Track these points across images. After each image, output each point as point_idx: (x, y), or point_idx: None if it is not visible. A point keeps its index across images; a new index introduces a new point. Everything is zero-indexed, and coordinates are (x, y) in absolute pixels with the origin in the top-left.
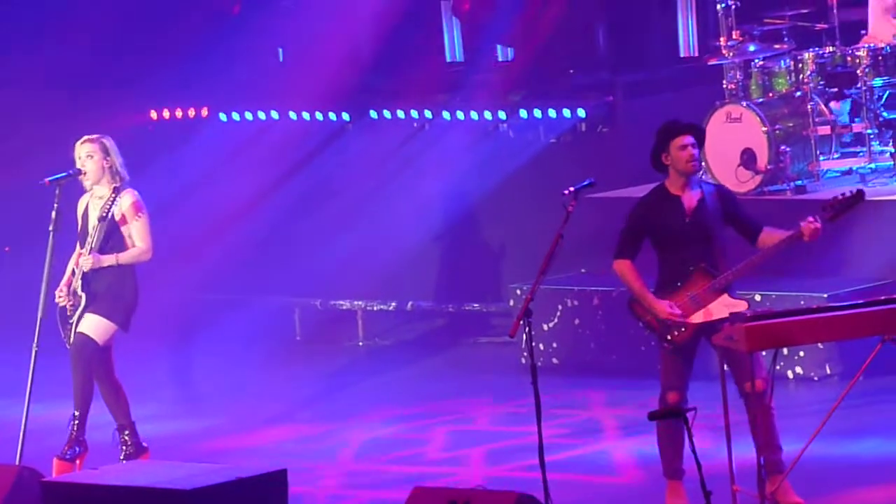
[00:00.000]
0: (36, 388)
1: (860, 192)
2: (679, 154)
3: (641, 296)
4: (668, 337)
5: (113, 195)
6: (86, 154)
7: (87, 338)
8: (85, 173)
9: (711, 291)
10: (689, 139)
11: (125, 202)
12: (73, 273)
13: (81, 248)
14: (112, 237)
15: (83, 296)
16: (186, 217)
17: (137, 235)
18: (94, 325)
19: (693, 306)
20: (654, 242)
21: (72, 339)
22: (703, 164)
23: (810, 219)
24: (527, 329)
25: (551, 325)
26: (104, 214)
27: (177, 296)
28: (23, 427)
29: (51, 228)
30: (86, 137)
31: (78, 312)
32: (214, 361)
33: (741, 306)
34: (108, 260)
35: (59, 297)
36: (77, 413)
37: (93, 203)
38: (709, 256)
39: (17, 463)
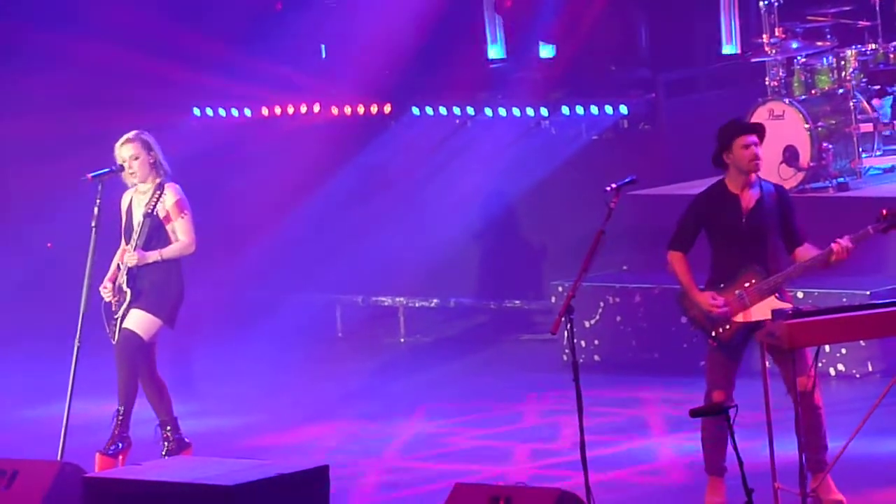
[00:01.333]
0: (79, 385)
1: None
2: (742, 153)
3: (688, 288)
4: (713, 333)
5: (158, 191)
6: (130, 156)
7: (132, 333)
8: (126, 168)
9: (759, 292)
10: (752, 138)
11: (169, 200)
12: (118, 269)
13: (126, 244)
14: (157, 234)
15: (128, 291)
16: (230, 214)
17: (181, 231)
18: (139, 321)
19: (740, 305)
20: (710, 238)
21: (117, 336)
22: None
23: (839, 240)
24: (568, 326)
25: (593, 322)
26: (149, 211)
27: (219, 293)
28: (64, 423)
29: (93, 224)
30: (125, 138)
31: (123, 308)
32: (256, 358)
33: (787, 308)
34: (153, 256)
35: (105, 292)
36: (121, 409)
37: (137, 198)
38: (761, 257)
39: (59, 459)
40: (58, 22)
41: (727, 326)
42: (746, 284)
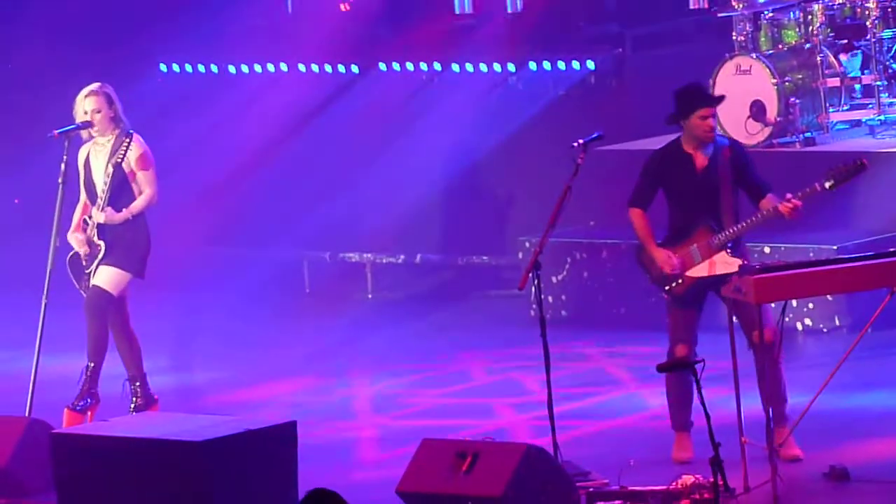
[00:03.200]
0: (47, 340)
1: (863, 164)
2: (699, 123)
3: (645, 244)
4: (667, 287)
5: (126, 142)
6: (92, 108)
7: (101, 290)
8: (94, 125)
9: (710, 248)
10: (712, 111)
11: (134, 153)
12: (85, 223)
13: (88, 197)
14: (122, 189)
15: (101, 244)
16: (195, 170)
17: (145, 183)
18: (108, 277)
19: (693, 260)
20: (666, 196)
21: (88, 292)
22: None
23: (788, 196)
24: (536, 282)
25: (560, 277)
26: (119, 161)
27: (187, 248)
28: (32, 379)
29: (60, 180)
30: (88, 90)
31: (95, 263)
32: (224, 314)
33: (736, 264)
34: (122, 216)
35: (75, 241)
36: (91, 364)
37: (94, 150)
38: (715, 214)
39: (26, 415)
40: None
41: (680, 281)
42: (699, 240)
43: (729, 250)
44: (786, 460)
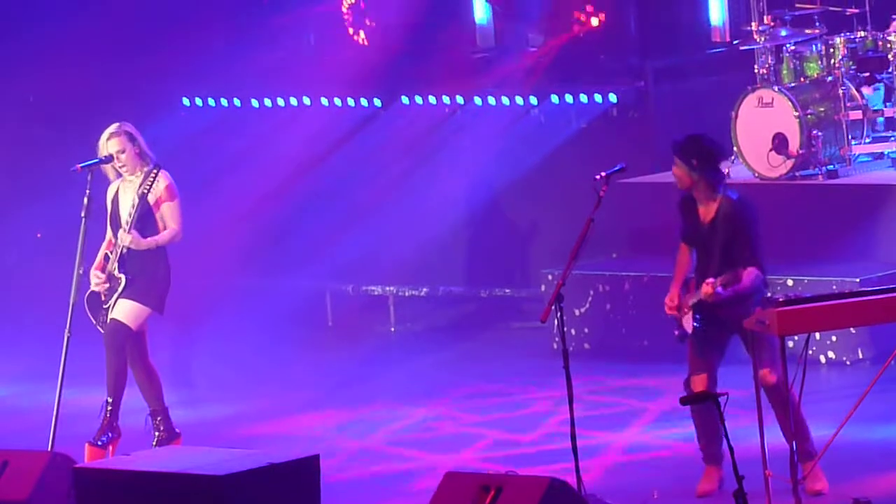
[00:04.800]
0: (69, 374)
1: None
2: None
3: (672, 281)
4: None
5: (152, 176)
6: (117, 150)
7: (120, 323)
8: (115, 158)
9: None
10: (675, 160)
11: (161, 184)
12: (107, 258)
13: (113, 233)
14: (146, 219)
15: (122, 277)
16: (220, 202)
17: (170, 217)
18: (127, 311)
19: (684, 311)
20: None
21: (107, 326)
22: (735, 147)
23: (710, 281)
24: (558, 314)
25: (583, 310)
26: (144, 192)
27: (210, 281)
28: (55, 413)
29: (82, 214)
30: (109, 132)
31: (115, 296)
32: (247, 347)
33: (689, 325)
34: (147, 243)
35: (96, 280)
36: (110, 399)
37: (123, 186)
38: (711, 265)
39: (49, 449)
40: (49, 16)
41: (679, 323)
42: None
43: (696, 317)
44: (810, 494)
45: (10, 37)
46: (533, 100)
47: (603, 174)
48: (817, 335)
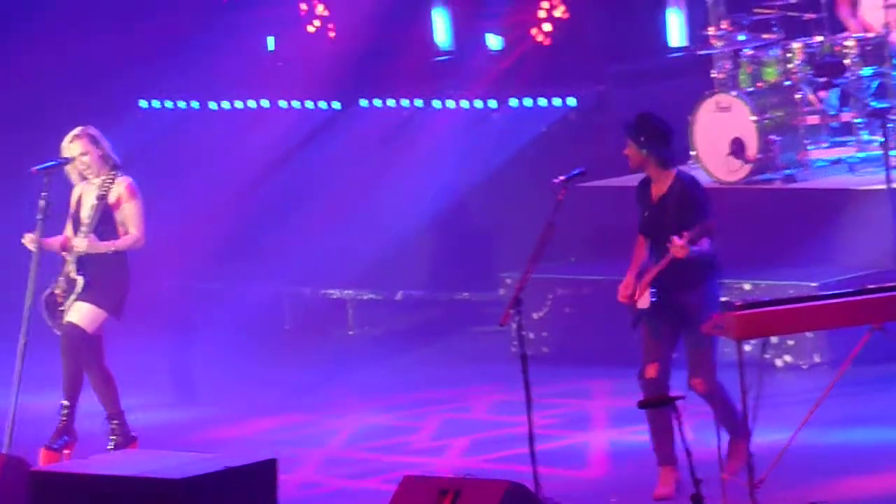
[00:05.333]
0: (25, 378)
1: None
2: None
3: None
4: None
5: (111, 179)
6: (79, 153)
7: (76, 327)
8: (78, 161)
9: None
10: (627, 141)
11: (120, 186)
12: (68, 261)
13: (74, 233)
14: (105, 222)
15: (79, 279)
16: (177, 206)
17: (131, 221)
18: (83, 314)
19: (641, 290)
20: None
21: (63, 329)
22: (693, 151)
23: (676, 239)
24: (517, 318)
25: (542, 314)
26: (102, 194)
27: (167, 284)
28: (11, 417)
29: (39, 217)
30: (72, 135)
31: (72, 298)
32: (204, 350)
33: (647, 302)
34: (105, 246)
35: (28, 241)
36: (66, 402)
37: (86, 189)
38: (658, 247)
39: (5, 452)
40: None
41: (633, 308)
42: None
43: (653, 290)
44: (730, 473)
45: None
46: (492, 103)
47: (562, 178)
48: (774, 339)
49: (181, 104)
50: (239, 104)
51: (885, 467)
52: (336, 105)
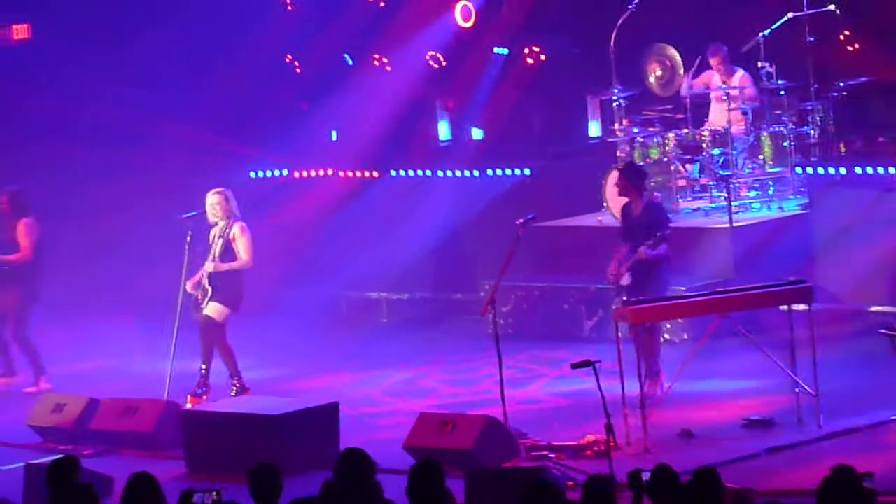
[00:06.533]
0: (177, 351)
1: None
2: None
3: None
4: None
5: (232, 224)
6: (215, 203)
7: (209, 318)
8: (208, 209)
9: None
10: (616, 176)
11: (237, 227)
12: (203, 276)
13: (210, 261)
14: (227, 251)
15: (209, 289)
16: (276, 239)
17: (243, 249)
18: (215, 310)
19: (621, 273)
20: None
21: (201, 319)
22: (605, 203)
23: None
24: (492, 310)
25: (508, 307)
26: (223, 234)
27: (265, 290)
28: (168, 375)
29: (186, 247)
30: (214, 191)
31: (206, 300)
32: (289, 332)
33: (626, 279)
34: (225, 267)
35: (189, 286)
36: (204, 366)
37: (217, 230)
38: (638, 243)
39: (164, 398)
40: (156, 107)
41: (618, 281)
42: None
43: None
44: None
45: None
46: (476, 172)
47: (521, 220)
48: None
49: (276, 172)
50: (313, 172)
51: (727, 404)
52: (375, 173)
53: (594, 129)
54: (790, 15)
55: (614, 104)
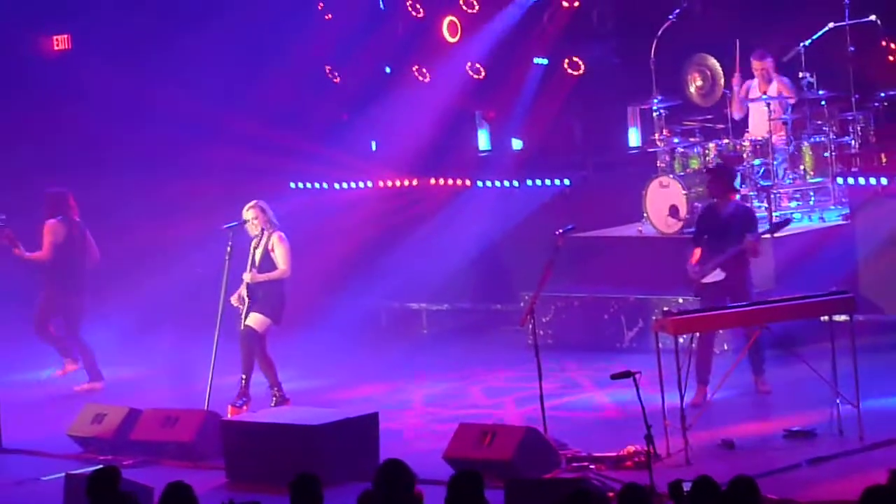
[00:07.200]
0: (218, 361)
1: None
2: None
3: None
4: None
5: (269, 234)
6: (252, 217)
7: (250, 328)
8: (247, 223)
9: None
10: (708, 176)
11: (275, 237)
12: (242, 287)
13: (249, 270)
14: (266, 261)
15: (248, 299)
16: (317, 248)
17: (281, 259)
18: (256, 320)
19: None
20: None
21: (242, 329)
22: (645, 213)
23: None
24: (532, 321)
25: (547, 318)
26: (265, 243)
27: (304, 299)
28: (209, 385)
29: (226, 258)
30: (249, 205)
31: (245, 310)
32: (329, 342)
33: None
34: (263, 277)
35: (234, 299)
36: (244, 376)
37: (257, 241)
38: (729, 242)
39: (205, 408)
40: (196, 119)
41: (702, 278)
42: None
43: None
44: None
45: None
46: (515, 183)
47: (560, 231)
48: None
49: (317, 185)
50: (353, 184)
51: (768, 415)
52: (415, 182)
53: (634, 139)
54: (831, 25)
55: (654, 114)
